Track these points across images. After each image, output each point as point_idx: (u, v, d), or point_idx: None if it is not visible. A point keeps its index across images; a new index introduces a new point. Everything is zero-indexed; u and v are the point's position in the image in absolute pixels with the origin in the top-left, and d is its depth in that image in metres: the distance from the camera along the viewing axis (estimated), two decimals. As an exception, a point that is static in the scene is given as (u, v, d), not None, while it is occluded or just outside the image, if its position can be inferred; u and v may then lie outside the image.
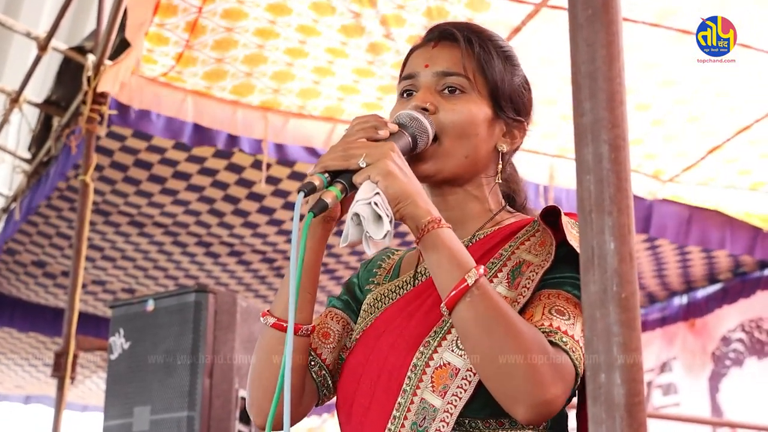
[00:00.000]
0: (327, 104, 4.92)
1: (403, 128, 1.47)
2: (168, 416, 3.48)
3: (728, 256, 6.73)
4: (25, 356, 8.78)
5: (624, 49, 1.19)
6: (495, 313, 1.33)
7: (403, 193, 1.36)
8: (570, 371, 1.35)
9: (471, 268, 1.35)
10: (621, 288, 1.09)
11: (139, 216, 6.03)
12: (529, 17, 4.15)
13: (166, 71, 4.57)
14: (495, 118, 1.58)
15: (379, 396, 1.46)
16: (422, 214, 1.37)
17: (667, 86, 4.69)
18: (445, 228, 1.38)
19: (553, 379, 1.31)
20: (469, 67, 1.56)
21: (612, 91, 1.18)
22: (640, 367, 1.08)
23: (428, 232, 1.37)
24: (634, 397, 1.06)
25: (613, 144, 1.16)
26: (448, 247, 1.36)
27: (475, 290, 1.33)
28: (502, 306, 1.34)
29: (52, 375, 4.62)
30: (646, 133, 5.11)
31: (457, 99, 1.54)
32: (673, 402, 7.67)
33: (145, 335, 3.62)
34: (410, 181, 1.38)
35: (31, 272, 6.99)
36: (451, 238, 1.38)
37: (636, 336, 1.08)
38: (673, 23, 4.16)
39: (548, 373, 1.31)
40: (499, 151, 1.59)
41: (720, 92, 4.72)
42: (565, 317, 1.39)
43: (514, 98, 1.61)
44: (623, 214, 1.13)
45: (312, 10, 4.16)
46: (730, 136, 5.13)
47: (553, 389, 1.31)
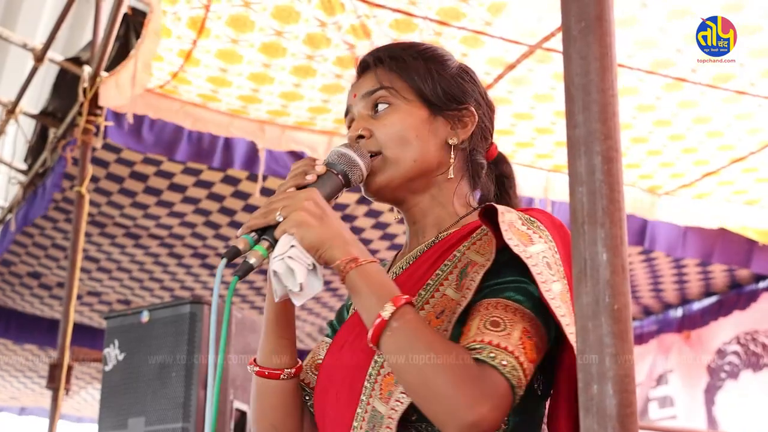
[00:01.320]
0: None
1: (332, 167, 1.50)
2: (162, 427, 3.47)
3: (723, 269, 6.74)
4: (20, 368, 8.76)
5: (620, 92, 1.19)
6: (415, 342, 1.32)
7: (318, 240, 1.38)
8: (499, 386, 1.32)
9: (387, 302, 1.34)
10: (613, 299, 1.09)
11: (135, 227, 6.03)
12: (524, 56, 4.19)
13: (162, 84, 4.57)
14: (432, 116, 1.59)
15: (341, 408, 1.47)
16: (339, 256, 1.38)
17: (662, 126, 4.76)
18: (365, 265, 1.38)
19: (476, 400, 1.29)
20: (385, 79, 1.59)
21: (605, 103, 1.18)
22: (633, 378, 1.08)
23: (347, 273, 1.38)
24: (626, 408, 1.06)
25: (605, 155, 1.16)
26: (366, 284, 1.37)
27: (393, 323, 1.33)
28: (422, 334, 1.34)
29: (46, 386, 4.61)
30: (642, 160, 5.17)
31: (386, 113, 1.57)
32: (669, 415, 7.66)
33: (140, 346, 3.61)
34: (326, 226, 1.40)
35: (27, 283, 6.98)
36: (369, 274, 1.38)
37: (628, 347, 1.08)
38: (669, 72, 4.21)
39: (471, 394, 1.29)
40: (450, 145, 1.59)
41: (714, 132, 4.79)
42: (499, 328, 1.36)
43: (448, 89, 1.61)
44: (616, 226, 1.13)
45: (306, 44, 4.15)
46: (724, 164, 5.19)
47: (478, 409, 1.29)
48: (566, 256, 1.42)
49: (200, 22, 4.03)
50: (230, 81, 4.47)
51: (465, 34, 4.01)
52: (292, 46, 4.14)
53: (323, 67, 4.30)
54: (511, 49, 4.13)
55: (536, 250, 1.40)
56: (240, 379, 3.60)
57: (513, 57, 4.20)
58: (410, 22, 3.96)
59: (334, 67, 4.30)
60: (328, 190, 1.49)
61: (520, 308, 1.38)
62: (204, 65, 4.33)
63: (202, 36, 4.11)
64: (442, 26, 3.97)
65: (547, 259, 1.40)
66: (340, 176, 1.50)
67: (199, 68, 4.36)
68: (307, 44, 4.13)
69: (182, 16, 4.00)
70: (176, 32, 4.10)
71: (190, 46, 4.18)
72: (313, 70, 4.34)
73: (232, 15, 3.97)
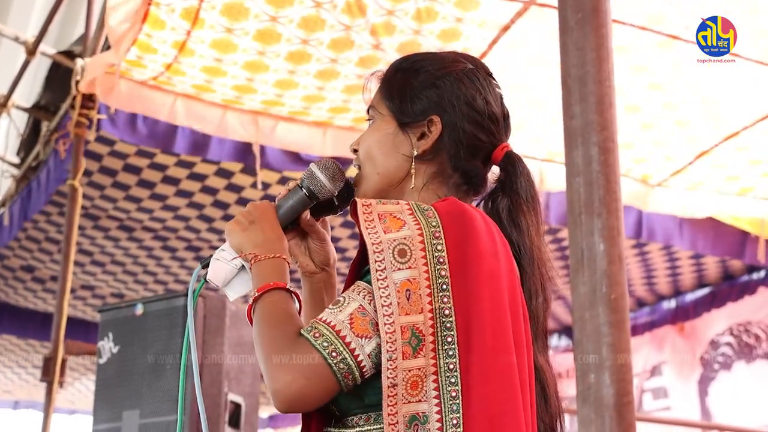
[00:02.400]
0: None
1: (299, 183, 1.70)
2: (157, 420, 3.47)
3: (717, 261, 6.75)
4: (14, 359, 8.76)
5: (613, 50, 1.19)
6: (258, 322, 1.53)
7: (237, 243, 1.65)
8: (308, 358, 1.45)
9: (256, 288, 1.57)
10: (610, 289, 1.10)
11: (129, 221, 6.02)
12: (518, 15, 4.13)
13: (155, 75, 4.56)
14: (401, 129, 1.68)
15: None
16: (249, 255, 1.62)
17: (655, 89, 4.68)
18: (263, 261, 1.60)
19: (281, 369, 1.44)
20: (376, 99, 1.74)
21: (601, 94, 1.18)
22: (630, 367, 1.08)
23: (251, 268, 1.61)
24: (623, 397, 1.06)
25: (602, 146, 1.16)
26: (257, 276, 1.59)
27: (255, 306, 1.55)
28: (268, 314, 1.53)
29: (41, 379, 4.61)
30: (636, 137, 5.11)
31: (367, 131, 1.73)
32: (663, 406, 7.68)
33: (134, 339, 3.61)
34: (248, 232, 1.65)
35: (20, 277, 6.97)
36: (261, 268, 1.59)
37: (625, 337, 1.09)
38: (662, 28, 4.16)
39: (276, 364, 1.45)
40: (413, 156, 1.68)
41: (707, 99, 4.72)
42: (337, 305, 1.49)
43: (413, 102, 1.68)
44: (612, 216, 1.13)
45: (301, 28, 4.13)
46: (718, 141, 5.12)
47: (282, 376, 1.44)
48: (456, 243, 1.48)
49: (194, 13, 4.01)
50: (225, 71, 4.46)
51: None
52: (287, 31, 4.13)
53: (318, 51, 4.29)
54: (505, 9, 4.08)
55: (394, 236, 1.48)
56: (234, 372, 3.60)
57: (507, 17, 4.15)
58: (405, -10, 3.95)
59: (329, 52, 4.29)
60: (291, 202, 1.69)
61: (367, 288, 1.48)
62: (198, 55, 4.32)
63: (196, 27, 4.10)
64: None
65: (405, 245, 1.47)
66: (303, 190, 1.69)
67: (193, 58, 4.35)
68: (302, 27, 4.12)
69: (176, 7, 3.98)
70: (170, 24, 4.09)
71: (184, 36, 4.17)
72: (308, 55, 4.33)
73: (226, 3, 3.95)
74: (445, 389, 1.42)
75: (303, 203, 1.69)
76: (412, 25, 4.14)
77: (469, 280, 1.46)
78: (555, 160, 5.32)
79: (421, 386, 1.42)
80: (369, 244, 1.47)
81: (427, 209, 1.52)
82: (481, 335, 1.43)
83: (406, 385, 1.42)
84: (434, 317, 1.43)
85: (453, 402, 1.42)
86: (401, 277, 1.44)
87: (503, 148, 1.70)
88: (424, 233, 1.48)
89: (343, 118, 4.94)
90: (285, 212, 1.68)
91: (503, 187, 1.69)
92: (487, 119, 1.68)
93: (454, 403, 1.42)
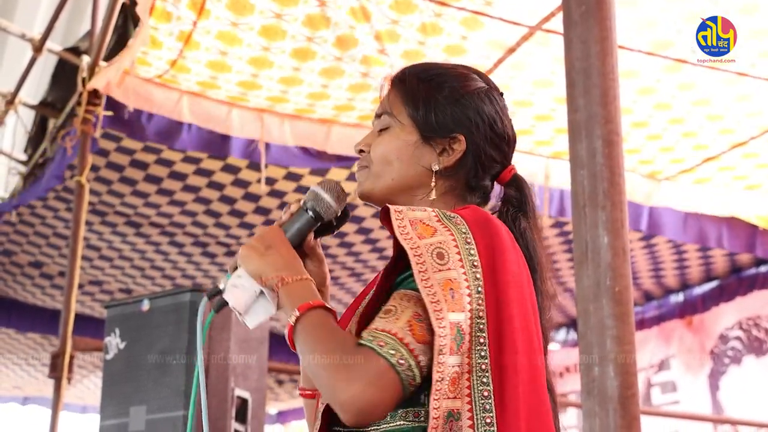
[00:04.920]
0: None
1: (304, 205, 1.69)
2: (164, 416, 3.47)
3: (724, 254, 6.73)
4: (23, 357, 8.78)
5: (620, 75, 1.19)
6: (308, 341, 1.51)
7: (256, 269, 1.61)
8: (375, 365, 1.43)
9: (295, 309, 1.53)
10: (614, 282, 1.09)
11: (136, 216, 6.03)
12: (524, 39, 4.16)
13: (161, 73, 4.56)
14: (423, 142, 1.71)
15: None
16: (273, 281, 1.59)
17: (662, 109, 4.74)
18: (291, 284, 1.58)
19: (349, 380, 1.42)
20: (391, 104, 1.74)
21: (605, 87, 1.18)
22: (634, 360, 1.07)
23: (278, 293, 1.59)
24: (627, 390, 1.06)
25: (606, 139, 1.16)
26: (288, 298, 1.57)
27: (298, 326, 1.52)
28: (317, 333, 1.51)
29: (49, 375, 4.62)
30: (642, 145, 5.15)
31: (382, 135, 1.73)
32: (672, 400, 7.68)
33: (141, 335, 3.61)
34: (266, 257, 1.62)
35: (28, 273, 6.98)
36: (292, 290, 1.57)
37: (629, 330, 1.08)
38: (669, 53, 4.20)
39: (343, 377, 1.43)
40: (433, 170, 1.70)
41: (713, 115, 4.77)
42: (390, 314, 1.48)
43: (439, 117, 1.71)
44: (617, 209, 1.13)
45: (306, 26, 4.13)
46: (725, 149, 5.17)
47: (351, 388, 1.42)
48: (485, 248, 1.53)
49: (200, 4, 4.02)
50: (230, 66, 4.46)
51: (465, 15, 3.99)
52: (291, 28, 4.14)
53: (323, 49, 4.29)
54: (510, 32, 4.11)
55: (430, 242, 1.51)
56: (240, 368, 3.61)
57: (513, 40, 4.18)
58: (410, 3, 3.95)
59: (334, 49, 4.29)
60: (298, 225, 1.68)
61: (415, 295, 1.49)
62: (204, 48, 4.32)
63: (202, 17, 4.10)
64: (442, 6, 3.95)
65: (442, 249, 1.51)
66: (309, 212, 1.68)
67: (199, 52, 4.35)
68: (306, 26, 4.12)
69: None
70: (176, 14, 4.09)
71: (191, 27, 4.17)
72: (313, 53, 4.33)
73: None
74: (477, 388, 1.46)
75: (309, 225, 1.69)
76: (417, 36, 4.16)
77: (498, 284, 1.51)
78: (562, 157, 5.32)
79: (458, 383, 1.46)
80: (408, 249, 1.49)
81: (453, 216, 1.56)
82: (511, 338, 1.49)
83: (449, 380, 1.45)
84: (471, 318, 1.48)
85: (485, 401, 1.46)
86: (443, 277, 1.48)
87: (511, 170, 1.76)
88: (457, 239, 1.52)
89: (348, 115, 4.94)
90: (293, 235, 1.68)
91: (516, 204, 1.74)
92: (504, 142, 1.75)
93: (486, 403, 1.46)
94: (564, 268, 6.83)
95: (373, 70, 4.44)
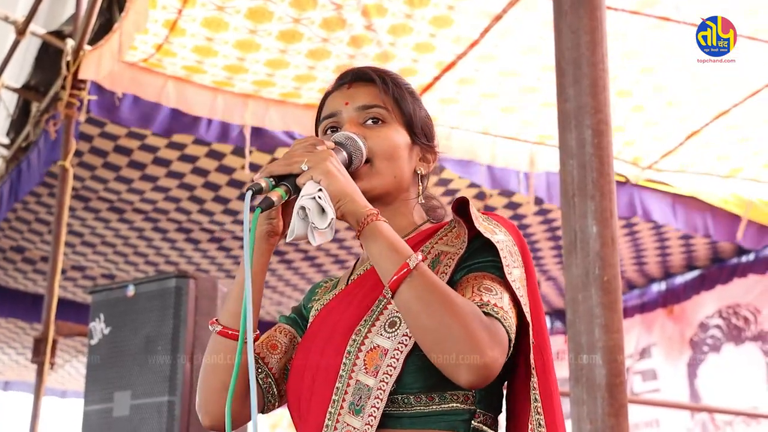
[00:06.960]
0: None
1: (340, 146, 1.63)
2: (149, 401, 3.48)
3: (706, 243, 6.77)
4: (5, 340, 8.75)
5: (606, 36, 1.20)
6: (435, 290, 1.47)
7: (342, 191, 1.53)
8: (504, 336, 1.48)
9: (411, 253, 1.50)
10: (603, 271, 1.10)
11: (119, 202, 6.01)
12: (510, 5, 4.14)
13: (146, 57, 4.54)
14: (412, 144, 1.76)
15: (319, 385, 1.59)
16: (361, 208, 1.54)
17: (647, 73, 4.70)
18: (383, 221, 1.54)
19: (491, 343, 1.44)
20: (387, 101, 1.74)
21: (595, 77, 1.19)
22: (622, 348, 1.09)
23: (368, 224, 1.52)
24: (615, 377, 1.07)
25: (596, 129, 1.17)
26: (387, 236, 1.52)
27: (416, 272, 1.48)
28: (440, 284, 1.49)
29: (31, 360, 4.61)
30: (627, 119, 5.13)
31: (380, 128, 1.72)
32: (653, 388, 7.72)
33: (126, 320, 3.61)
34: (348, 182, 1.55)
35: (10, 258, 6.96)
36: (388, 229, 1.53)
37: (618, 318, 1.09)
38: (654, 11, 4.17)
39: (485, 338, 1.44)
40: (418, 173, 1.76)
41: (698, 75, 4.73)
42: (492, 293, 1.52)
43: (424, 128, 1.78)
44: (606, 199, 1.14)
45: (293, 6, 4.12)
46: (708, 120, 5.15)
47: (491, 352, 1.44)
48: (522, 249, 1.61)
49: None
50: (216, 50, 4.44)
51: None
52: (278, 9, 4.13)
53: (309, 30, 4.28)
54: None
55: (501, 239, 1.57)
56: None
57: (500, 6, 4.15)
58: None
59: (320, 30, 4.28)
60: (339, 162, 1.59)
61: (503, 281, 1.55)
62: (190, 34, 4.30)
63: (187, 5, 4.09)
64: None
65: (509, 247, 1.58)
66: (345, 154, 1.61)
67: (184, 38, 4.33)
68: (293, 6, 4.12)
69: None
70: (161, 2, 4.07)
71: (176, 15, 4.15)
72: (300, 34, 4.32)
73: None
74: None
75: (344, 166, 1.61)
76: (404, 9, 4.14)
77: (530, 285, 1.59)
78: (546, 143, 5.33)
79: None
80: (496, 242, 1.55)
81: (492, 220, 1.64)
82: (544, 338, 1.57)
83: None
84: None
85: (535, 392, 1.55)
86: (517, 274, 1.56)
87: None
88: (510, 240, 1.61)
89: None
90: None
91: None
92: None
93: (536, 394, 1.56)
94: (547, 257, 6.86)
95: (361, 51, 4.44)
